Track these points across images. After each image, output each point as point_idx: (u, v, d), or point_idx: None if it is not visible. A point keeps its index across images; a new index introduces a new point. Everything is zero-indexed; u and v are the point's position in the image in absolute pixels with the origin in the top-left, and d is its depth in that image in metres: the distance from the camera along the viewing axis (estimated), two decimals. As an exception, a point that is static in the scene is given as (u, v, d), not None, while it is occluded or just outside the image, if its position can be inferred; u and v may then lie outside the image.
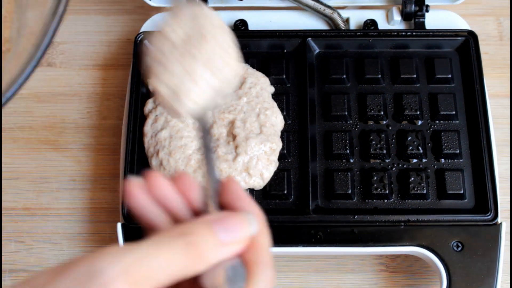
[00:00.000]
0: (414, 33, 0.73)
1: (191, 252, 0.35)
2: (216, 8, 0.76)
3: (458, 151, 0.67)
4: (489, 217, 0.64)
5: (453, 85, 0.71)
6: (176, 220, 0.39)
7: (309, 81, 0.71)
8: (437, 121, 0.69)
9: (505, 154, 0.73)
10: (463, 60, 0.72)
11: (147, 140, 0.67)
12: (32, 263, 0.70)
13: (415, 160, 0.67)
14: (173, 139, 0.66)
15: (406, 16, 0.75)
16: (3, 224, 0.71)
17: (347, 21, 0.76)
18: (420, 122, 0.69)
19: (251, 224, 0.38)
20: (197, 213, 0.40)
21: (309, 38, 0.73)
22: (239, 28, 0.75)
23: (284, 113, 0.69)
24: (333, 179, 0.66)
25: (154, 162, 0.66)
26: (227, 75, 0.40)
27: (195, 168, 0.65)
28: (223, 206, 0.39)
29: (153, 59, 0.39)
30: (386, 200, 0.66)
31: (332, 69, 0.72)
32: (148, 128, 0.67)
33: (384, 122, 0.69)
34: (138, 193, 0.39)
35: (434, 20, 0.75)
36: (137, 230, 0.64)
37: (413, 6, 0.74)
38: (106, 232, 0.71)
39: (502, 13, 0.81)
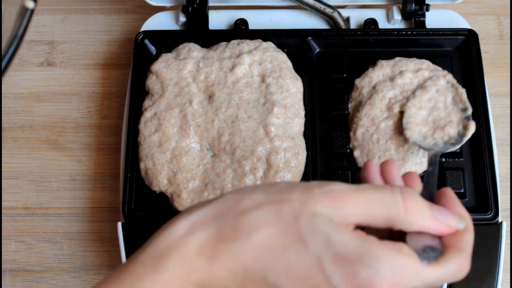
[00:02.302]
0: (414, 32, 0.73)
1: (405, 205, 0.41)
2: (217, 8, 0.76)
3: (458, 150, 0.67)
4: (489, 216, 0.64)
5: (453, 84, 0.71)
6: None
7: (309, 80, 0.71)
8: (438, 120, 0.69)
9: (506, 153, 0.73)
10: (463, 59, 0.72)
11: (139, 139, 0.67)
12: (32, 263, 0.70)
13: (415, 159, 0.67)
14: (161, 148, 0.66)
15: (406, 15, 0.75)
16: (3, 224, 0.71)
17: (347, 20, 0.76)
18: (420, 121, 0.69)
19: (460, 222, 0.44)
20: None
21: (309, 38, 0.72)
22: (240, 28, 0.75)
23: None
24: (334, 178, 0.66)
25: (142, 165, 0.66)
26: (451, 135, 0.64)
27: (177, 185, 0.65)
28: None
29: None
30: (386, 199, 0.66)
31: (332, 68, 0.72)
32: (142, 126, 0.67)
33: (385, 121, 0.69)
34: (374, 169, 0.47)
35: (434, 19, 0.75)
36: (137, 229, 0.65)
37: (413, 5, 0.74)
38: (107, 231, 0.71)
39: (502, 12, 0.81)
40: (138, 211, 0.65)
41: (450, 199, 0.45)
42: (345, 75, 0.71)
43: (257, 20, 0.75)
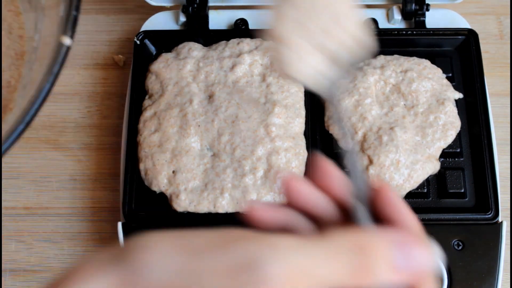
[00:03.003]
0: (414, 32, 0.73)
1: (360, 270, 0.31)
2: (217, 7, 0.76)
3: (458, 150, 0.67)
4: (489, 216, 0.64)
5: (453, 83, 0.71)
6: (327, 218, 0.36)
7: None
8: (438, 120, 0.69)
9: (506, 153, 0.73)
10: (463, 59, 0.72)
11: (139, 139, 0.67)
12: (32, 263, 0.70)
13: (415, 159, 0.67)
14: (161, 148, 0.65)
15: (406, 15, 0.75)
16: (3, 224, 0.71)
17: (347, 20, 0.76)
18: (420, 121, 0.69)
19: (432, 257, 0.33)
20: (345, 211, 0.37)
21: (310, 37, 0.72)
22: (240, 28, 0.75)
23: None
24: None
25: (141, 166, 0.66)
26: (346, 43, 0.39)
27: (178, 186, 0.65)
28: (375, 213, 0.36)
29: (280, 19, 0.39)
30: (386, 199, 0.66)
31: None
32: (141, 126, 0.67)
33: (385, 121, 0.69)
34: (301, 186, 0.36)
35: (434, 19, 0.75)
36: (137, 229, 0.65)
37: (413, 5, 0.74)
38: (107, 231, 0.71)
39: (503, 11, 0.81)
40: (139, 211, 0.65)
41: (391, 202, 0.36)
42: (345, 75, 0.71)
43: (257, 20, 0.75)
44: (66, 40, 0.46)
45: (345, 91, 0.68)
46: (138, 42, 0.72)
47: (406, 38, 0.73)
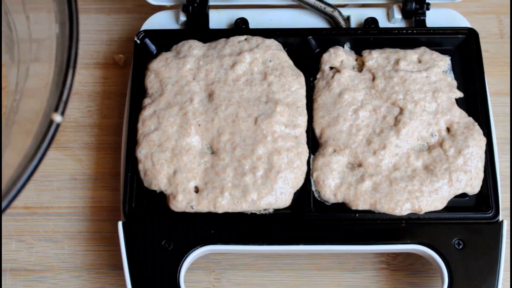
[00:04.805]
0: (415, 31, 0.73)
1: None
2: (217, 7, 0.76)
3: (459, 149, 0.67)
4: (490, 215, 0.64)
5: (454, 83, 0.71)
6: None
7: (310, 79, 0.71)
8: (438, 119, 0.69)
9: (506, 152, 0.73)
10: (463, 58, 0.72)
11: (138, 138, 0.66)
12: (33, 262, 0.70)
13: (416, 158, 0.67)
14: (160, 147, 0.65)
15: (406, 14, 0.75)
16: (3, 223, 0.71)
17: (347, 19, 0.76)
18: (421, 120, 0.69)
19: None
20: None
21: (310, 37, 0.72)
22: (240, 27, 0.75)
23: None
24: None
25: (140, 166, 0.66)
26: None
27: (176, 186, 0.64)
28: None
29: None
30: (387, 198, 0.66)
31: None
32: (140, 125, 0.67)
33: (385, 120, 0.69)
34: None
35: (434, 18, 0.75)
36: (138, 228, 0.65)
37: (413, 4, 0.74)
38: (107, 231, 0.71)
39: (503, 11, 0.81)
40: (139, 210, 0.65)
41: None
42: (345, 74, 0.71)
43: (257, 19, 0.75)
44: (57, 118, 0.43)
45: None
46: (138, 41, 0.72)
47: (407, 37, 0.73)
